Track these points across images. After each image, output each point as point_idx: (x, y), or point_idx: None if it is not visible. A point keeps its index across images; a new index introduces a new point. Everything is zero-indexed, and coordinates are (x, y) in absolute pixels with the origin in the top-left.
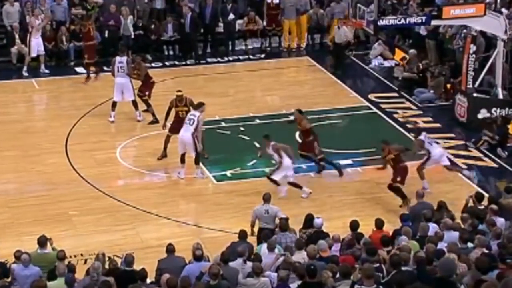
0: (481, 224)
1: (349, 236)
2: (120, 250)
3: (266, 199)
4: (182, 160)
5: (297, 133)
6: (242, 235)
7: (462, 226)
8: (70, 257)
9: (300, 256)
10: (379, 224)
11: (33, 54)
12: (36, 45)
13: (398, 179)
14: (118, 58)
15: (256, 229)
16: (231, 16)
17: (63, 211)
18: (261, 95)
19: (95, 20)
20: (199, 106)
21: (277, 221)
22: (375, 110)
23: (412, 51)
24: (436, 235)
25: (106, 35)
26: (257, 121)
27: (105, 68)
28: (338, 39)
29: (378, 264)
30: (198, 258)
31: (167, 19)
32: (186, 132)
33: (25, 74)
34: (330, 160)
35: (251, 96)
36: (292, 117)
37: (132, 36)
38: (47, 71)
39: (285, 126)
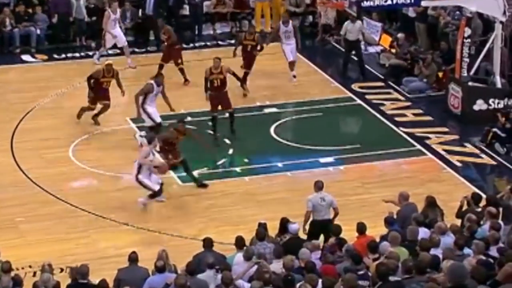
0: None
1: (332, 241)
2: (73, 260)
3: (320, 186)
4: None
5: None
6: (208, 243)
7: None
8: (17, 269)
9: (279, 266)
10: (361, 228)
11: None
12: None
13: None
14: None
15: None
16: None
17: (9, 217)
18: (232, 85)
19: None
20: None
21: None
22: (359, 101)
23: (400, 35)
24: (431, 240)
25: (56, 19)
26: (228, 114)
27: (55, 56)
28: (351, 36)
29: (364, 271)
30: (160, 269)
31: (124, 6)
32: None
33: None
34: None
35: None
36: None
37: (86, 20)
38: None
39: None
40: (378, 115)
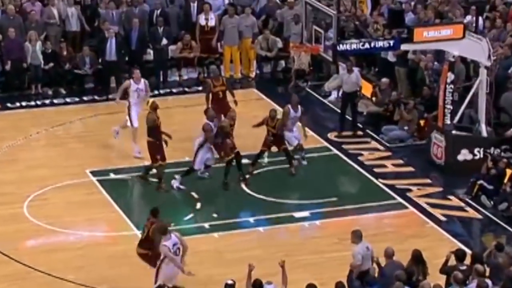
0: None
1: None
2: None
3: (360, 235)
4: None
5: None
6: None
7: None
8: None
9: None
10: None
11: None
12: None
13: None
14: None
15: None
16: (164, 41)
17: None
18: (199, 135)
19: None
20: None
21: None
22: (335, 151)
23: (384, 80)
24: None
25: (9, 65)
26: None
27: (8, 105)
28: (346, 88)
29: None
30: None
31: (83, 51)
32: None
33: None
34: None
35: (186, 136)
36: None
37: (42, 66)
38: None
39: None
40: (356, 166)
